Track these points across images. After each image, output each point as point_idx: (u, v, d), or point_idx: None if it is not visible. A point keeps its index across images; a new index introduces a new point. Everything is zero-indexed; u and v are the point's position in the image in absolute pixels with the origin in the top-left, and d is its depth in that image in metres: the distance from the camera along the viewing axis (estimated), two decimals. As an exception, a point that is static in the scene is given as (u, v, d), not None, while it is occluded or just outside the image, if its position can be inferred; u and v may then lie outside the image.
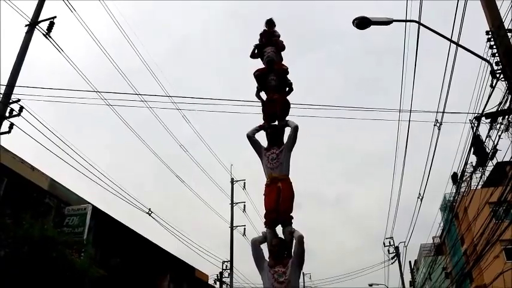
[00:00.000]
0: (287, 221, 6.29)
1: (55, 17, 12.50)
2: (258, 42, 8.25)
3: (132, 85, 14.93)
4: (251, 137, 7.06)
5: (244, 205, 29.13)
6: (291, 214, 6.37)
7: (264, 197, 6.61)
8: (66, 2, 13.10)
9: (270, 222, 6.38)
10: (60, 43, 12.60)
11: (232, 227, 27.94)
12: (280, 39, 8.20)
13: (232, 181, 29.54)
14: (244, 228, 28.67)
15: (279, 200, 6.33)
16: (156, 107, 15.00)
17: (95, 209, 15.44)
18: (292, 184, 6.63)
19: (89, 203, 15.53)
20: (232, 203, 28.81)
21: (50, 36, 12.32)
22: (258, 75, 7.79)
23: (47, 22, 12.50)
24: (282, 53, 8.18)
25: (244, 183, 29.64)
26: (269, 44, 8.05)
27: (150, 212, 16.20)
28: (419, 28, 10.73)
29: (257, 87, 7.81)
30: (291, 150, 6.84)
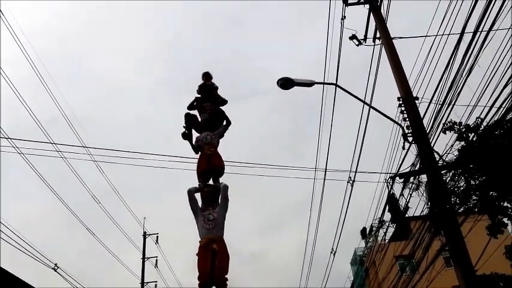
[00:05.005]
0: (223, 283, 6.34)
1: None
2: (198, 95, 8.35)
3: (47, 134, 13.99)
4: (192, 195, 7.08)
5: (157, 260, 27.92)
6: (226, 276, 6.43)
7: (197, 257, 6.58)
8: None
9: (204, 284, 6.40)
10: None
11: (143, 283, 26.41)
12: (218, 92, 8.38)
13: (145, 235, 28.20)
14: (156, 284, 27.34)
15: (215, 262, 6.41)
16: (72, 158, 14.13)
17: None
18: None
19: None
20: (144, 258, 27.40)
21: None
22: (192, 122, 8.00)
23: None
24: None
25: (157, 237, 28.47)
26: (208, 99, 8.18)
27: (56, 268, 14.88)
28: (336, 90, 11.44)
29: (185, 127, 7.95)
30: (226, 211, 6.96)
